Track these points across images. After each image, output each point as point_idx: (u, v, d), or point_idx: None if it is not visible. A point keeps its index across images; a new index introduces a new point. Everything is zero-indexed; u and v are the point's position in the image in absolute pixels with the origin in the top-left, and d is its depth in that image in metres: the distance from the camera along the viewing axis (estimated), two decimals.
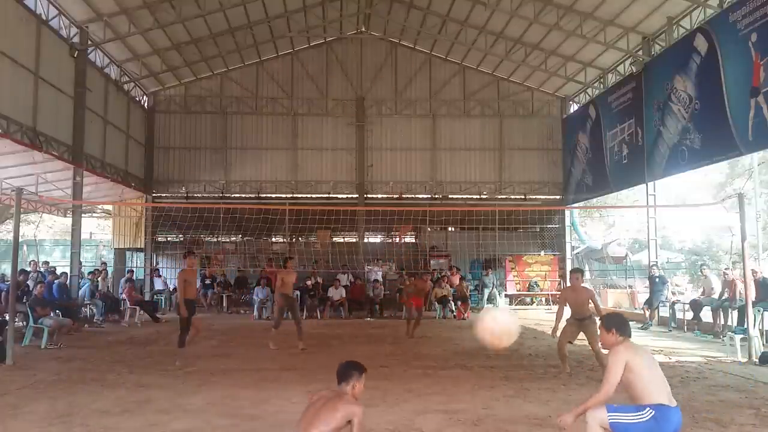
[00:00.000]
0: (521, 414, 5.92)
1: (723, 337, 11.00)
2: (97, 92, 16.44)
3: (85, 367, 8.62)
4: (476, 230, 20.90)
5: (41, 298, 11.20)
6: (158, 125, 21.01)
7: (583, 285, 8.41)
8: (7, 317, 9.33)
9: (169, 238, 21.64)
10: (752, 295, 10.03)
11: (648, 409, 3.58)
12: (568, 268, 21.11)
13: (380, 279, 18.88)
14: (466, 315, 16.62)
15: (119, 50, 17.42)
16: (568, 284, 9.10)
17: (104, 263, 19.54)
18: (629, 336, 3.92)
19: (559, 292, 10.66)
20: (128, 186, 18.99)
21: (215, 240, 21.52)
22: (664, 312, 14.52)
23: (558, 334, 8.13)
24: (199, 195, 21.00)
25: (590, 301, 8.07)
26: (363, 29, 21.36)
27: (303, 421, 3.62)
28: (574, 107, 21.36)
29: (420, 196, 21.54)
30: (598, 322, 4.15)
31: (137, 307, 15.04)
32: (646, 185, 16.18)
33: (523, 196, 21.67)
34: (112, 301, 15.92)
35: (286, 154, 21.29)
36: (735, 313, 11.72)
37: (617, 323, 3.92)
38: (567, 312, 8.28)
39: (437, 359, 9.45)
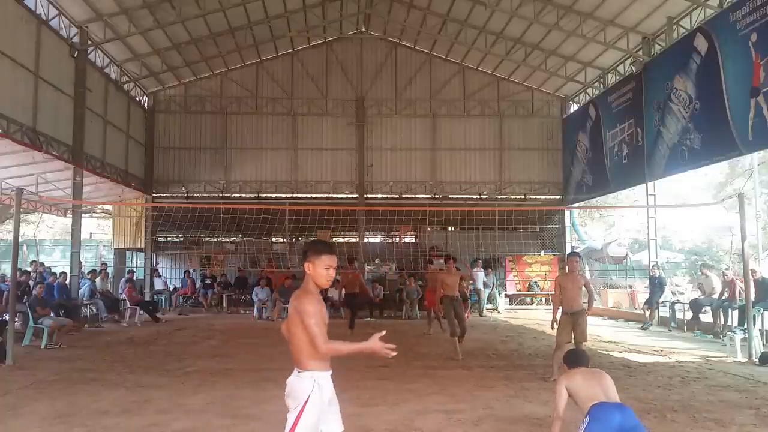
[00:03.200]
0: (521, 414, 5.92)
1: (723, 337, 11.00)
2: (97, 92, 16.44)
3: (85, 367, 8.63)
4: (476, 230, 20.90)
5: (41, 298, 11.20)
6: (158, 125, 21.01)
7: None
8: (7, 317, 9.34)
9: (169, 238, 21.64)
10: (752, 295, 10.04)
11: (586, 417, 3.94)
12: (568, 267, 21.09)
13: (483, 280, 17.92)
14: (466, 315, 16.57)
15: (119, 50, 17.42)
16: (566, 270, 8.72)
17: (104, 263, 19.55)
18: (578, 365, 4.33)
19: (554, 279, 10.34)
20: (128, 186, 18.99)
21: (215, 240, 21.52)
22: (664, 312, 14.53)
23: (556, 325, 7.91)
24: (199, 195, 20.99)
25: (584, 288, 7.96)
26: (363, 29, 21.35)
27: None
28: (574, 107, 21.35)
29: (420, 196, 21.55)
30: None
31: (137, 307, 15.04)
32: (646, 185, 16.17)
33: (523, 196, 21.67)
34: (112, 301, 15.93)
35: (286, 154, 21.29)
36: (735, 313, 11.72)
37: (567, 358, 4.50)
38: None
39: (437, 359, 9.45)
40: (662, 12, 14.73)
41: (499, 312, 18.54)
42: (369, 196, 21.25)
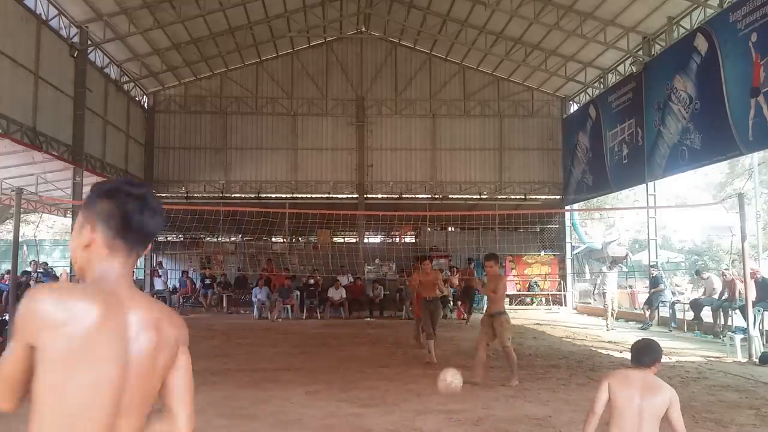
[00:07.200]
0: (521, 414, 5.92)
1: (723, 337, 11.00)
2: (97, 92, 16.44)
3: None
4: (476, 230, 20.88)
5: None
6: (158, 125, 21.00)
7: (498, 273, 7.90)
8: (8, 317, 9.33)
9: (169, 238, 21.62)
10: (752, 295, 10.04)
11: None
12: (569, 268, 21.11)
13: None
14: (466, 315, 16.58)
15: (119, 50, 17.43)
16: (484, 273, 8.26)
17: None
18: (635, 365, 3.31)
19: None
20: None
21: (215, 240, 21.50)
22: (664, 312, 14.52)
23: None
24: (199, 195, 20.98)
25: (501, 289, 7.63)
26: (363, 29, 21.35)
27: None
28: (574, 107, 21.35)
29: (420, 196, 21.54)
30: None
31: None
32: (646, 185, 16.17)
33: (523, 196, 21.67)
34: None
35: (286, 154, 21.29)
36: (735, 313, 11.72)
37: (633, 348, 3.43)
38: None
39: (437, 359, 9.43)
40: (662, 12, 14.73)
41: None
42: (369, 196, 21.23)
